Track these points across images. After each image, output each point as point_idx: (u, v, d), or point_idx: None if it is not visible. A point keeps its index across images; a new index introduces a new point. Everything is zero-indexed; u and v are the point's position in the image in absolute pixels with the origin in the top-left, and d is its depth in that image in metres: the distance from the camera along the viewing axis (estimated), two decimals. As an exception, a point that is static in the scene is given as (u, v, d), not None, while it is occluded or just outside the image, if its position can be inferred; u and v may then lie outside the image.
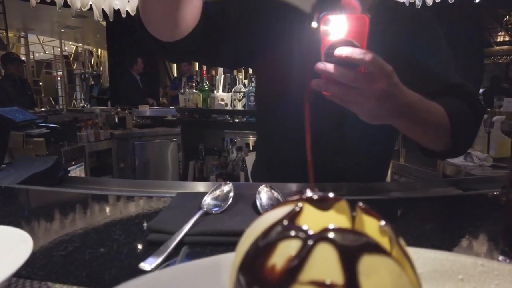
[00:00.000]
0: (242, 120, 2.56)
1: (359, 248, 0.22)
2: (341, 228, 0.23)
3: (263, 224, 0.26)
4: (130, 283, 0.33)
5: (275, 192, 0.69)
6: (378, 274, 0.21)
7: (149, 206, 0.77)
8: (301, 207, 0.26)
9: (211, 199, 0.68)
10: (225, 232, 0.57)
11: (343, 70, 0.60)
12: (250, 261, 0.24)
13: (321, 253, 0.21)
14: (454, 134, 0.78)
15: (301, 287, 0.21)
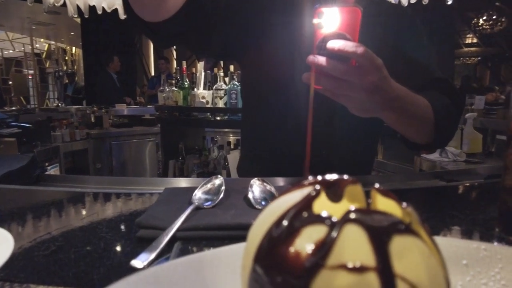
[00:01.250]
0: (223, 118, 2.53)
1: (388, 229, 0.20)
2: (367, 209, 0.21)
3: (279, 210, 0.24)
4: (128, 279, 0.31)
5: (268, 185, 0.68)
6: (409, 256, 0.20)
7: (135, 202, 0.74)
8: (318, 189, 0.24)
9: (202, 193, 0.66)
10: (219, 226, 0.54)
11: (335, 63, 0.60)
12: (268, 249, 0.22)
13: (350, 235, 0.20)
14: (438, 126, 0.80)
15: (330, 272, 0.19)
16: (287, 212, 0.23)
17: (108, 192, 0.82)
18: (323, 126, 0.95)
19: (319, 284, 0.19)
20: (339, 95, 0.65)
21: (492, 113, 3.33)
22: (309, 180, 0.26)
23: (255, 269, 0.23)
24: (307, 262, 0.20)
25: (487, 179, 0.85)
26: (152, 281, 0.31)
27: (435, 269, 0.21)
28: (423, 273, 0.20)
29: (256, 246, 0.23)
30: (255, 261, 0.23)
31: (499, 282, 0.35)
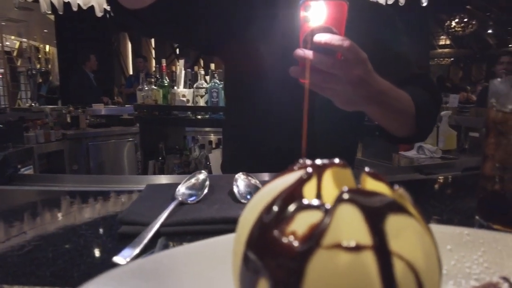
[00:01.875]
0: (205, 116, 2.51)
1: (383, 209, 0.20)
2: (361, 189, 0.21)
3: (270, 194, 0.23)
4: (112, 273, 0.29)
5: (253, 179, 0.67)
6: (405, 234, 0.20)
7: (115, 200, 0.72)
8: (309, 173, 0.24)
9: (185, 188, 0.65)
10: (205, 221, 0.53)
11: (321, 56, 0.60)
12: (261, 233, 0.22)
13: (345, 214, 0.20)
14: (419, 120, 0.82)
15: (326, 251, 0.19)
16: (279, 196, 0.23)
17: (86, 191, 0.79)
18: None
19: (316, 264, 0.19)
20: (325, 88, 0.66)
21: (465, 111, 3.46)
22: (299, 165, 0.26)
23: (248, 254, 0.22)
24: (302, 243, 0.19)
25: (464, 171, 0.87)
26: (138, 274, 0.30)
27: (429, 248, 0.21)
28: (418, 252, 0.20)
29: (248, 231, 0.23)
30: (247, 246, 0.22)
31: (482, 265, 0.36)
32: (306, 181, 0.24)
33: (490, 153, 0.44)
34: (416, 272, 0.19)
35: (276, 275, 0.20)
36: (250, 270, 0.22)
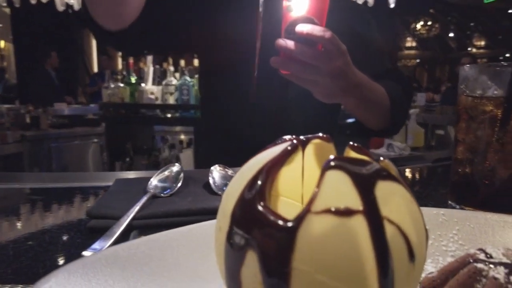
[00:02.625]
0: (174, 115, 2.46)
1: (372, 175, 0.20)
2: (348, 157, 0.21)
3: (255, 166, 0.23)
4: (85, 260, 0.27)
5: (229, 170, 0.66)
6: (394, 200, 0.20)
7: (82, 196, 0.69)
8: (295, 144, 0.23)
9: (158, 181, 0.62)
10: (180, 212, 0.52)
11: (303, 47, 0.60)
12: (248, 204, 0.21)
13: (334, 180, 0.19)
14: (393, 111, 0.85)
15: (317, 216, 0.18)
16: (264, 167, 0.22)
17: (50, 188, 0.75)
18: (278, 115, 0.95)
19: (306, 230, 0.18)
20: (305, 80, 0.66)
21: (431, 109, 3.64)
22: (283, 138, 0.25)
23: (233, 228, 0.21)
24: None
25: (434, 162, 0.91)
26: (112, 262, 0.28)
27: (416, 214, 0.21)
28: (407, 217, 0.20)
29: (233, 204, 0.22)
30: (232, 219, 0.21)
31: (457, 242, 0.37)
32: (291, 152, 0.23)
33: (461, 137, 0.46)
34: (406, 236, 0.19)
35: (265, 244, 0.19)
36: (236, 244, 0.21)
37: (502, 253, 0.29)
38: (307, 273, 0.18)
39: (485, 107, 0.43)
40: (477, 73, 0.44)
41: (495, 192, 0.44)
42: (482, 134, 0.44)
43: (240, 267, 0.21)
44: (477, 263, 0.27)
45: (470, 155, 0.45)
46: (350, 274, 0.18)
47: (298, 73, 0.65)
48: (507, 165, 0.43)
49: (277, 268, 0.19)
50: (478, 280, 0.27)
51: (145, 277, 0.29)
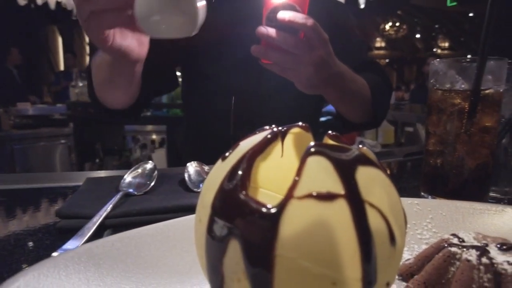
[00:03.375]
0: (146, 113, 2.40)
1: (352, 160, 0.20)
2: (328, 144, 0.21)
3: (235, 155, 0.22)
4: (56, 258, 0.26)
5: (206, 166, 0.65)
6: (374, 184, 0.20)
7: (48, 197, 0.65)
8: (275, 132, 0.23)
9: (131, 179, 0.60)
10: (156, 210, 0.50)
11: (284, 35, 0.59)
12: (229, 192, 0.20)
13: (315, 165, 0.19)
14: (374, 102, 0.84)
15: (299, 201, 0.18)
16: (244, 155, 0.22)
17: (13, 189, 0.71)
18: (256, 109, 0.95)
19: (289, 215, 0.18)
20: (287, 69, 0.65)
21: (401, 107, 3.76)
22: (263, 128, 0.25)
23: (214, 217, 0.21)
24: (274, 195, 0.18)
25: (405, 157, 0.94)
26: (85, 259, 0.27)
27: (395, 199, 0.21)
28: (387, 201, 0.20)
29: (214, 194, 0.21)
30: (213, 209, 0.21)
31: (431, 230, 0.38)
32: (271, 141, 0.23)
33: (432, 130, 0.48)
34: (387, 220, 0.19)
35: (247, 232, 0.18)
36: (217, 234, 0.20)
37: (473, 237, 0.30)
38: (290, 259, 0.18)
39: (453, 100, 0.45)
40: (446, 67, 0.46)
41: (464, 182, 0.45)
42: (451, 126, 0.45)
43: (222, 258, 0.20)
44: (451, 247, 0.28)
45: (440, 147, 0.47)
46: (334, 259, 0.18)
47: (279, 63, 0.63)
48: (474, 156, 0.45)
49: (261, 256, 0.18)
50: (452, 263, 0.27)
51: (121, 274, 0.28)
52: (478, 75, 0.43)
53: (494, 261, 0.26)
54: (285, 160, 0.25)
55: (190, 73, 1.05)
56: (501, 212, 0.37)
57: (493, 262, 0.26)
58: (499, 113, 0.45)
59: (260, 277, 0.19)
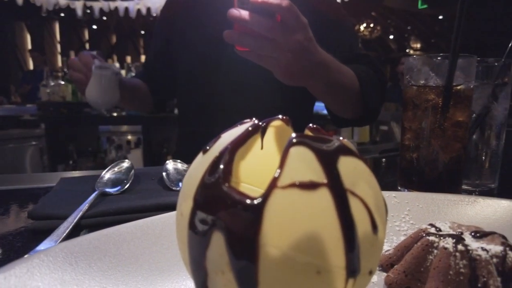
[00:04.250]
0: (121, 113, 2.35)
1: (334, 151, 0.20)
2: (310, 135, 0.21)
3: (217, 148, 0.22)
4: (32, 258, 0.25)
5: (185, 165, 0.64)
6: (356, 174, 0.20)
7: (19, 198, 0.63)
8: (256, 125, 0.23)
9: (108, 178, 0.59)
10: (134, 209, 0.49)
11: (259, 17, 0.55)
12: (211, 184, 0.20)
13: (298, 156, 0.19)
14: (364, 96, 0.79)
15: (283, 191, 0.18)
16: (226, 148, 0.21)
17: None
18: (244, 105, 0.94)
19: (273, 205, 0.18)
20: (264, 57, 0.61)
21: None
22: (243, 121, 0.25)
23: (197, 211, 0.20)
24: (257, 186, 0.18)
25: (381, 153, 0.96)
26: (61, 258, 0.26)
27: (376, 188, 0.22)
28: (368, 190, 0.20)
29: (196, 187, 0.21)
30: (196, 202, 0.20)
31: (408, 222, 0.39)
32: (252, 133, 0.23)
33: (408, 125, 0.49)
34: (369, 209, 0.20)
35: (231, 224, 0.18)
36: (200, 227, 0.20)
37: (449, 226, 0.31)
38: (275, 249, 0.18)
39: (427, 96, 0.46)
40: (420, 64, 0.47)
41: (438, 175, 0.47)
42: (426, 121, 0.47)
43: (205, 251, 0.20)
44: (429, 236, 0.29)
45: (416, 142, 0.48)
46: (318, 247, 0.18)
47: (255, 49, 0.58)
48: (448, 150, 0.46)
49: (245, 247, 0.18)
50: (430, 252, 0.28)
51: (100, 273, 0.27)
52: (450, 72, 0.44)
53: (469, 248, 0.27)
54: (265, 152, 0.25)
55: (181, 73, 1.05)
56: (473, 203, 0.39)
57: (468, 249, 0.27)
58: (470, 108, 0.47)
59: (244, 268, 0.18)
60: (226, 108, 0.93)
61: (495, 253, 0.26)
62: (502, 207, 0.37)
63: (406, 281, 0.28)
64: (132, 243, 0.31)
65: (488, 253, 0.26)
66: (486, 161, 0.53)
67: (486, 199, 0.39)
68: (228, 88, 0.92)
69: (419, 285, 0.28)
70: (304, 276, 0.18)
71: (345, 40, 0.93)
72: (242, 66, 0.72)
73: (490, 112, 0.50)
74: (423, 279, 0.28)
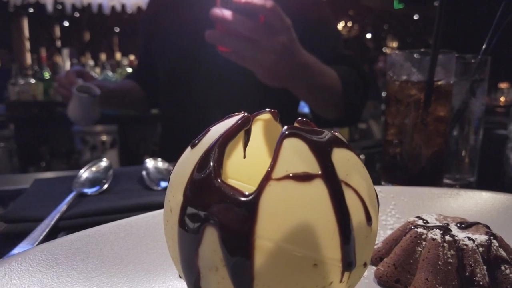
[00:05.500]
0: (96, 113, 2.28)
1: (327, 142, 0.20)
2: (302, 128, 0.20)
3: (206, 141, 0.21)
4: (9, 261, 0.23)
5: (166, 163, 0.62)
6: (349, 165, 0.20)
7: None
8: (246, 117, 0.23)
9: (85, 179, 0.57)
10: (114, 209, 0.47)
11: (242, 18, 0.54)
12: (203, 179, 0.19)
13: (291, 147, 0.19)
14: (346, 95, 0.79)
15: (278, 183, 0.18)
16: (216, 142, 0.21)
17: None
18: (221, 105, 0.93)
19: (269, 197, 0.17)
20: (247, 58, 0.60)
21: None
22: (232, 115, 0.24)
23: (187, 207, 0.19)
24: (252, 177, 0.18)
25: (363, 150, 0.97)
26: (42, 259, 0.24)
27: (368, 179, 0.22)
28: (361, 181, 0.20)
29: (185, 183, 0.20)
30: (186, 198, 0.19)
31: (394, 216, 0.39)
32: (242, 127, 0.22)
33: (391, 120, 0.50)
34: (363, 200, 0.19)
35: (225, 218, 0.18)
36: (191, 223, 0.19)
37: (435, 218, 0.32)
38: (271, 242, 0.17)
39: (410, 91, 0.47)
40: (402, 60, 0.48)
41: (421, 169, 0.48)
42: (408, 116, 0.48)
43: (197, 247, 0.19)
44: (417, 228, 0.29)
45: (399, 137, 0.49)
46: (314, 239, 0.18)
47: (238, 50, 0.58)
48: (430, 144, 0.47)
49: (240, 242, 0.18)
50: (419, 243, 0.28)
51: (82, 275, 0.25)
52: (431, 67, 0.45)
53: (456, 238, 0.27)
54: (256, 145, 0.25)
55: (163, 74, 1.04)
56: (456, 195, 0.40)
57: (455, 239, 0.27)
58: (451, 103, 0.48)
59: (239, 263, 0.18)
60: (207, 106, 0.92)
61: (481, 242, 0.27)
62: (483, 199, 0.38)
63: (396, 273, 0.28)
64: (115, 243, 0.30)
65: (474, 242, 0.27)
66: (466, 156, 0.55)
67: (468, 191, 0.40)
68: (210, 86, 0.91)
69: (408, 276, 0.28)
70: (300, 269, 0.18)
71: (329, 41, 0.93)
72: (224, 65, 0.72)
73: (468, 108, 0.52)
74: (412, 271, 0.28)
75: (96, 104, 0.95)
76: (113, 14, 3.26)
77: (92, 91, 0.93)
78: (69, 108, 0.94)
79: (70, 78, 0.93)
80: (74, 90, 0.91)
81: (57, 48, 3.12)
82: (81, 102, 0.92)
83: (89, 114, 0.95)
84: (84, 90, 0.93)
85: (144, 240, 0.32)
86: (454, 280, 0.26)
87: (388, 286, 0.28)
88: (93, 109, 0.95)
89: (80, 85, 0.92)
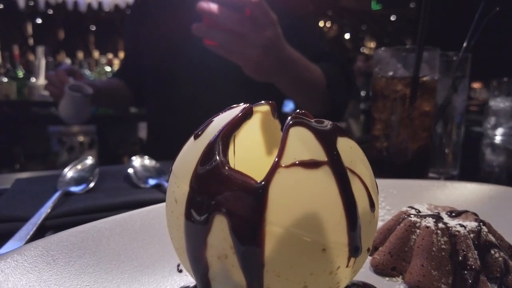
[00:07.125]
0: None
1: (331, 131, 0.20)
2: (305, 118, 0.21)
3: (210, 132, 0.21)
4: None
5: (153, 161, 0.62)
6: (353, 153, 0.20)
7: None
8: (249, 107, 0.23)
9: (71, 177, 0.55)
10: (102, 207, 0.46)
11: (228, 11, 0.55)
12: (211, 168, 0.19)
13: (298, 136, 0.19)
14: (331, 94, 0.81)
15: (286, 170, 0.18)
16: (220, 132, 0.21)
17: None
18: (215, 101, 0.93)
19: (278, 184, 0.18)
20: (233, 52, 0.61)
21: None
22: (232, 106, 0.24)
23: (195, 196, 0.19)
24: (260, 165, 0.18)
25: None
26: (37, 257, 0.24)
27: (370, 168, 0.22)
28: (364, 169, 0.21)
29: (191, 173, 0.20)
30: (193, 188, 0.19)
31: (384, 208, 0.40)
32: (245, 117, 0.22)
33: (377, 116, 0.51)
34: (366, 186, 0.20)
35: (236, 205, 0.18)
36: (199, 212, 0.19)
37: (426, 207, 0.33)
38: (281, 228, 0.18)
39: (396, 87, 0.48)
40: (389, 56, 0.49)
41: (408, 162, 0.49)
42: (394, 111, 0.49)
43: (206, 236, 0.19)
44: (411, 217, 0.30)
45: (386, 131, 0.50)
46: (323, 225, 0.18)
47: (224, 44, 0.59)
48: (415, 138, 0.49)
49: (250, 229, 0.18)
50: (413, 232, 0.29)
51: (80, 271, 0.25)
52: (417, 63, 0.47)
53: (449, 225, 0.28)
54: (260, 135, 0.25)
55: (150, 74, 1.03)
56: (443, 187, 0.41)
57: (448, 226, 0.28)
58: (435, 99, 0.50)
59: (250, 249, 0.18)
60: (193, 103, 0.91)
61: (472, 228, 0.28)
62: (468, 190, 0.40)
63: (391, 261, 0.29)
64: (112, 239, 0.29)
65: (466, 228, 0.28)
66: (449, 151, 0.57)
67: (453, 183, 0.41)
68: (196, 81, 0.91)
69: (404, 264, 0.29)
70: (309, 254, 0.18)
71: (313, 38, 0.95)
72: (210, 60, 0.72)
73: (451, 103, 0.54)
74: (407, 258, 0.29)
75: (88, 102, 0.95)
76: (90, 12, 3.18)
77: (84, 90, 0.93)
78: (61, 106, 0.94)
79: (61, 77, 0.92)
80: (67, 89, 0.90)
81: (30, 46, 3.01)
82: (73, 101, 0.92)
83: (81, 113, 0.96)
84: (76, 89, 0.92)
85: (140, 235, 0.31)
86: (448, 265, 0.27)
87: (385, 274, 0.29)
88: (85, 107, 0.95)
89: (72, 84, 0.92)
